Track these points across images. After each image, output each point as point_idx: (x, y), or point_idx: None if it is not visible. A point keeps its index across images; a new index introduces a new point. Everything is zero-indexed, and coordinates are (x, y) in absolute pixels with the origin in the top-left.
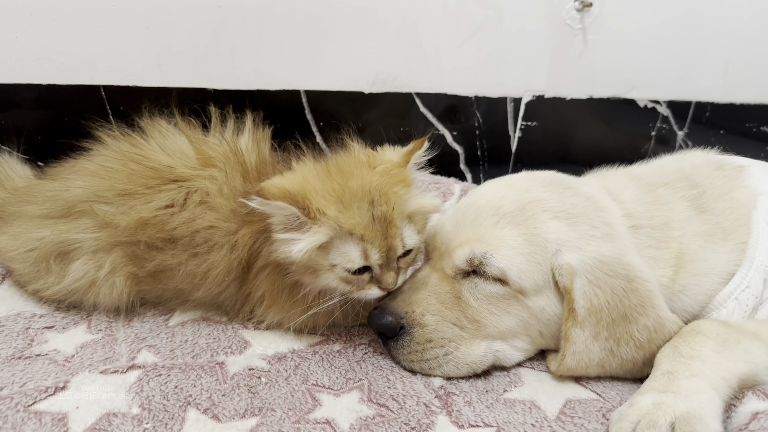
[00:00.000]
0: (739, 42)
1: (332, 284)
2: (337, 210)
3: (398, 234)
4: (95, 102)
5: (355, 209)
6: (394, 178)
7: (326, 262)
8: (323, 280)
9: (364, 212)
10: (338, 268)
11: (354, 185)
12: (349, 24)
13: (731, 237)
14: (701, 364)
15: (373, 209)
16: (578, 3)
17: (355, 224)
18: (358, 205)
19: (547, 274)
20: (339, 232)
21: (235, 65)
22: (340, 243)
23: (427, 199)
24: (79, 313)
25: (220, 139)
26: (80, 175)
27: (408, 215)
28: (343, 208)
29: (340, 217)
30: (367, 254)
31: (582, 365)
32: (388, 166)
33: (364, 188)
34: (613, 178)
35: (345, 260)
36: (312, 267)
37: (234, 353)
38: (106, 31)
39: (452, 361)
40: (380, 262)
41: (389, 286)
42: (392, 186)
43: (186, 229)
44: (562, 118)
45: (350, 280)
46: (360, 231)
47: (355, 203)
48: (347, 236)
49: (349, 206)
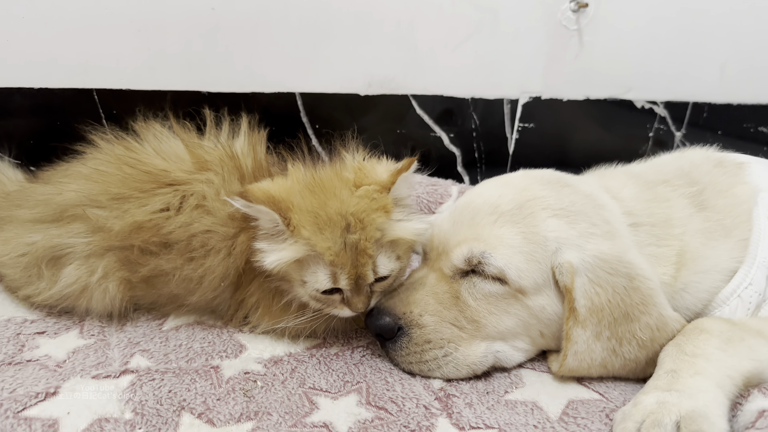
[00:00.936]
0: (735, 42)
1: (304, 297)
2: (311, 231)
3: (369, 263)
4: (88, 106)
5: (329, 233)
6: (374, 204)
7: (299, 277)
8: (296, 293)
9: (337, 237)
10: (308, 285)
11: (332, 208)
12: (344, 26)
13: (733, 234)
14: (705, 363)
15: (347, 236)
16: (574, 4)
17: (325, 248)
18: (332, 230)
19: (547, 273)
20: (311, 251)
21: (229, 68)
22: (311, 262)
23: (409, 227)
24: (72, 318)
25: (216, 143)
26: (73, 178)
27: (388, 242)
28: (317, 230)
29: (313, 239)
30: (336, 278)
31: (584, 365)
32: (371, 190)
33: (340, 212)
34: (611, 177)
35: (314, 280)
36: (286, 278)
37: (229, 357)
38: (98, 35)
39: (452, 363)
40: (349, 288)
41: (358, 310)
42: (370, 213)
43: (182, 234)
44: (559, 119)
45: (320, 299)
46: (330, 256)
47: (329, 227)
48: (318, 258)
49: (323, 229)
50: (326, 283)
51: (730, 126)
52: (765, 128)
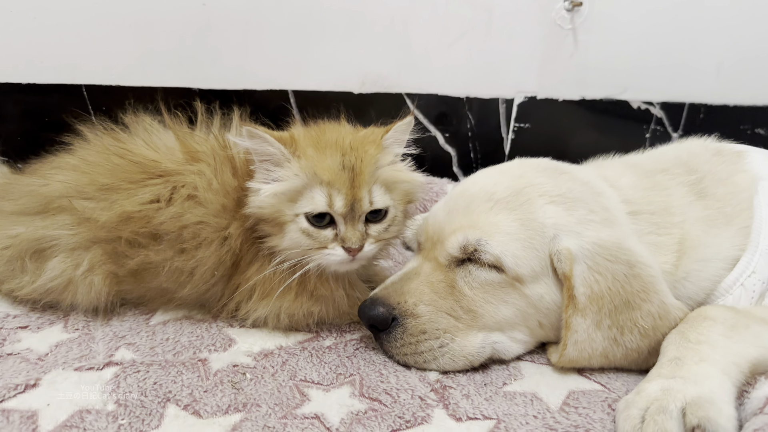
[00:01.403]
0: (730, 43)
1: (294, 238)
2: (312, 154)
3: (365, 187)
4: (77, 102)
5: (328, 155)
6: (366, 138)
7: (291, 212)
8: (288, 234)
9: (335, 159)
10: (300, 217)
11: (329, 136)
12: (337, 24)
13: (734, 222)
14: (710, 349)
15: (344, 158)
16: (568, 3)
17: (324, 168)
18: (331, 153)
19: (544, 261)
20: (310, 178)
21: (220, 65)
22: (308, 188)
23: (403, 169)
24: (56, 313)
25: (207, 134)
26: (60, 169)
27: (384, 181)
28: (317, 153)
29: (312, 161)
30: (331, 200)
31: (585, 355)
32: (367, 132)
33: (337, 140)
34: (609, 167)
35: (308, 204)
36: (277, 218)
37: (218, 350)
38: (88, 30)
39: (448, 354)
40: (343, 211)
41: (352, 244)
42: (364, 144)
43: (173, 225)
44: (555, 119)
45: (312, 233)
46: (328, 176)
47: (328, 150)
48: (315, 182)
49: (322, 151)
50: (322, 203)
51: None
52: (762, 130)
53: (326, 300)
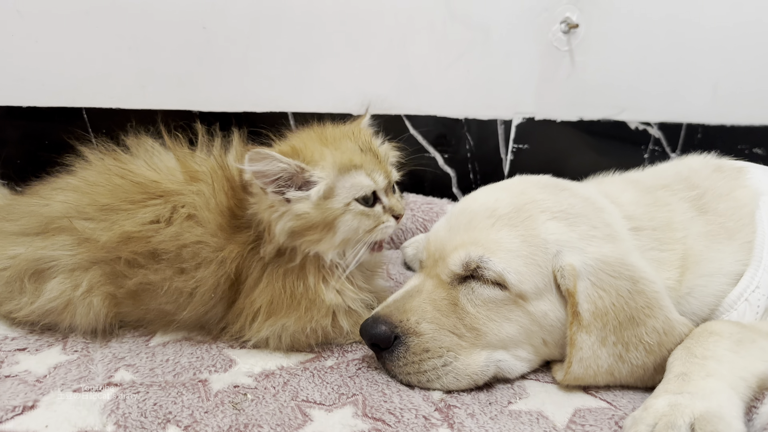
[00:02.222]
0: (726, 63)
1: (352, 225)
2: (329, 152)
3: (385, 161)
4: (77, 125)
5: (343, 147)
6: (355, 127)
7: (340, 205)
8: (343, 226)
9: (353, 146)
10: (353, 204)
11: (328, 133)
12: (336, 46)
13: (736, 237)
14: (717, 364)
15: (358, 144)
16: (564, 25)
17: (350, 157)
18: (344, 143)
19: (548, 277)
20: (339, 171)
21: (220, 87)
22: (344, 181)
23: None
24: (54, 335)
25: (208, 155)
26: (61, 190)
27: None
28: (333, 149)
29: (336, 155)
30: (374, 179)
31: (590, 373)
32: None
33: (340, 131)
34: (609, 183)
35: (357, 190)
36: (327, 219)
37: (218, 371)
38: (88, 53)
39: (451, 372)
40: (384, 185)
41: (401, 210)
42: (359, 131)
43: (172, 244)
44: (553, 140)
45: (368, 213)
46: (358, 160)
47: (339, 143)
48: (348, 171)
49: (336, 147)
50: (369, 183)
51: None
52: (760, 150)
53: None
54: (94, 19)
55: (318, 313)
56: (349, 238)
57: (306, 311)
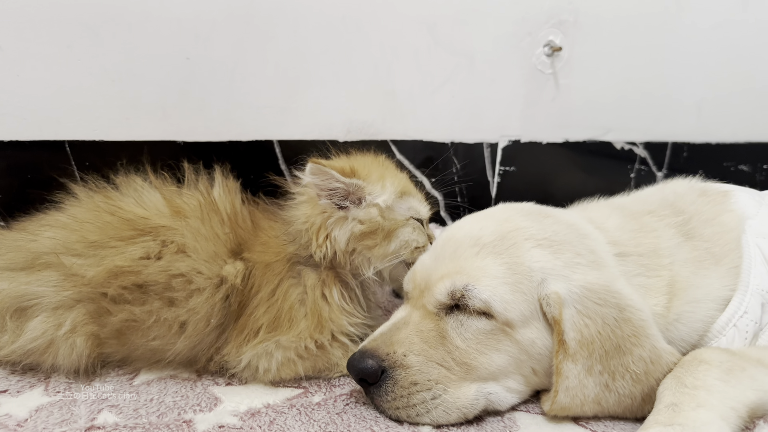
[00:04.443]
0: (710, 82)
1: (410, 237)
2: (389, 175)
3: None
4: (60, 158)
5: (400, 176)
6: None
7: (402, 218)
8: (402, 236)
9: (405, 177)
10: (411, 220)
11: (385, 161)
12: (321, 74)
13: (723, 262)
14: (707, 394)
15: (401, 176)
16: (547, 48)
17: (406, 185)
18: (398, 173)
19: (534, 305)
20: (398, 194)
21: (205, 117)
22: (402, 203)
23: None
24: (36, 375)
25: (194, 192)
26: (49, 226)
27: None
28: (391, 176)
29: (394, 180)
30: (425, 207)
31: (577, 402)
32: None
33: (381, 164)
34: (594, 209)
35: (414, 212)
36: (390, 227)
37: (203, 411)
38: (71, 85)
39: (441, 406)
40: (428, 216)
41: (432, 234)
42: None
43: (163, 276)
44: (540, 162)
45: (422, 230)
46: (413, 189)
47: (393, 171)
48: (406, 195)
49: (393, 174)
50: (424, 209)
51: (710, 165)
52: (745, 166)
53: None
54: (77, 52)
55: (317, 330)
56: (401, 249)
57: (307, 327)
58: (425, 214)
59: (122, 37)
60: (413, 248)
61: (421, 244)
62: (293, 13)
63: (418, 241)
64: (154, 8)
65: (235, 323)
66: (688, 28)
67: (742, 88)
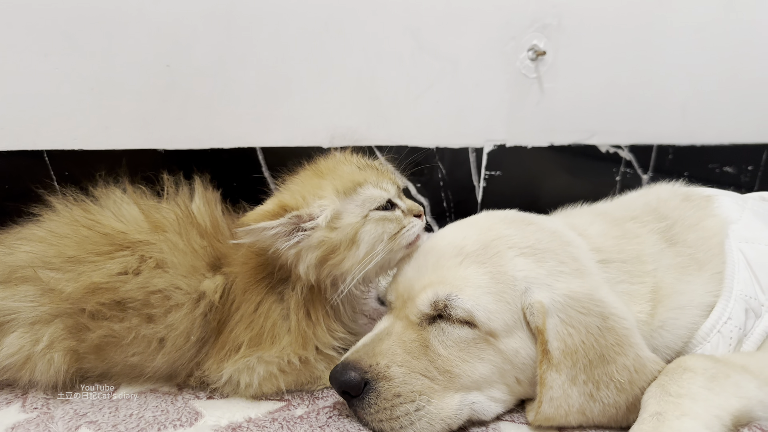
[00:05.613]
0: (694, 85)
1: (376, 233)
2: (327, 182)
3: (386, 170)
4: (39, 168)
5: (340, 172)
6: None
7: (358, 219)
8: (366, 237)
9: (349, 169)
10: (371, 214)
11: (323, 164)
12: (304, 81)
13: (706, 268)
14: (691, 403)
15: (353, 164)
16: (532, 52)
17: (351, 178)
18: (340, 169)
19: (517, 314)
20: (343, 194)
21: (186, 125)
22: (352, 201)
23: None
24: (14, 391)
25: (174, 205)
26: (26, 240)
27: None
28: (331, 179)
29: (335, 182)
30: (382, 188)
31: (561, 412)
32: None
33: (333, 161)
34: (577, 215)
35: (371, 203)
36: (349, 236)
37: (183, 425)
38: (48, 94)
39: (425, 417)
40: (396, 191)
41: (418, 208)
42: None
43: (141, 292)
44: (525, 166)
45: (389, 217)
46: (359, 178)
47: (335, 170)
48: (354, 191)
49: (333, 175)
50: (379, 193)
51: (695, 167)
52: (730, 168)
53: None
54: (54, 60)
55: (301, 347)
56: (374, 248)
57: (290, 344)
58: (391, 193)
59: (100, 45)
60: (388, 239)
61: (396, 230)
62: (275, 19)
63: (389, 230)
64: (133, 15)
65: (215, 339)
66: (672, 31)
67: (726, 90)
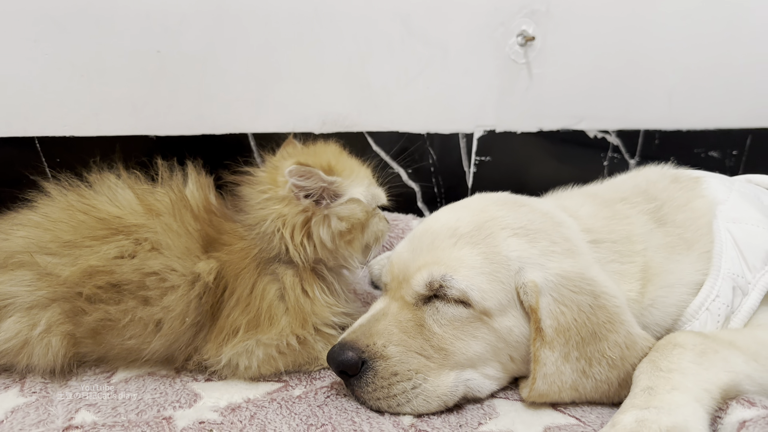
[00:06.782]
0: (680, 71)
1: (378, 226)
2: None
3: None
4: (30, 155)
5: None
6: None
7: (371, 208)
8: (372, 227)
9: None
10: (377, 209)
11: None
12: (295, 68)
13: (695, 247)
14: (681, 377)
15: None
16: (521, 38)
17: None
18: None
19: (511, 293)
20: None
21: (177, 111)
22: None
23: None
24: (11, 376)
25: (168, 190)
26: (22, 226)
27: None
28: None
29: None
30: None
31: (554, 389)
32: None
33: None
34: (568, 197)
35: (377, 201)
36: (365, 221)
37: (183, 407)
38: (38, 81)
39: (421, 395)
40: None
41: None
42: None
43: (137, 274)
44: (515, 151)
45: (385, 218)
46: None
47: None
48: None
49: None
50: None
51: (681, 152)
52: (715, 153)
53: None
54: (43, 47)
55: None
56: (370, 239)
57: (289, 324)
58: (385, 200)
59: (90, 31)
60: (377, 238)
61: (384, 230)
62: (265, 5)
63: (383, 230)
64: (122, 1)
65: (212, 323)
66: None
67: (711, 76)
